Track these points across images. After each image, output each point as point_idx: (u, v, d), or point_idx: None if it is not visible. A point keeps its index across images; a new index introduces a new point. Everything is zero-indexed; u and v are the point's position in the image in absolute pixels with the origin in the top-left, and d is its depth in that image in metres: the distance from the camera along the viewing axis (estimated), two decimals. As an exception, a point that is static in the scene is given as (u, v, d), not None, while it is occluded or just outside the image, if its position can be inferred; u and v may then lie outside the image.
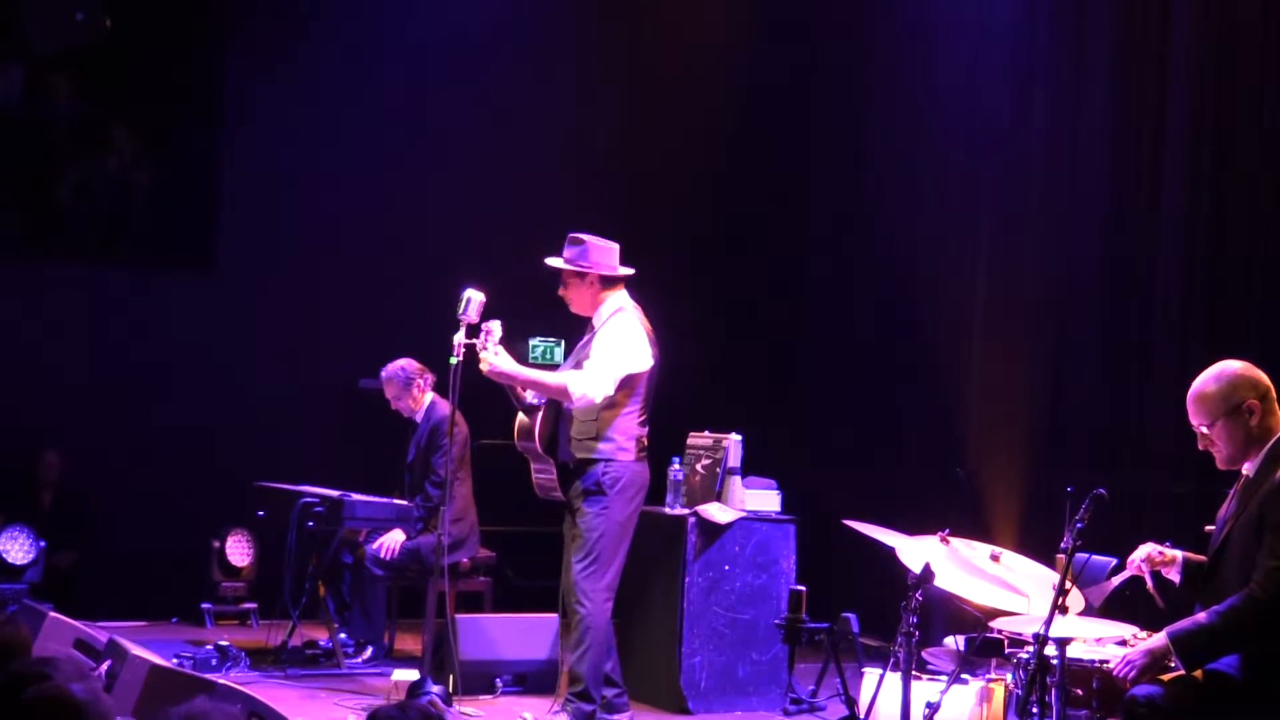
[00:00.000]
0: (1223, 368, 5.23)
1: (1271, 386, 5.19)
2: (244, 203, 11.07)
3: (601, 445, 7.26)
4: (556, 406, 7.39)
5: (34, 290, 10.58)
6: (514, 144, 11.49)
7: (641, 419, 7.38)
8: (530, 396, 7.44)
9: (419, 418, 9.28)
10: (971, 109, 10.07)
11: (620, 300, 7.43)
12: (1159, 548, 5.32)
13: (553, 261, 7.44)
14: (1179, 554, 5.32)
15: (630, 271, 7.49)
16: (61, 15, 10.20)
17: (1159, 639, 5.02)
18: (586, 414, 7.27)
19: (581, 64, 11.75)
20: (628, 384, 7.27)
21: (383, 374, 9.33)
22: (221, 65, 11.04)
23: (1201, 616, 5.00)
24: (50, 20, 10.20)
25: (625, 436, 7.30)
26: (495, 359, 7.20)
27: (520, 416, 7.48)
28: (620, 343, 7.26)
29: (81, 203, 10.94)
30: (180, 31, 10.88)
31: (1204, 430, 5.19)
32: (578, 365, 7.35)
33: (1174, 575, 5.30)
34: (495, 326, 7.25)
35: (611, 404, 7.24)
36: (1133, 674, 5.01)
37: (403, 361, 9.28)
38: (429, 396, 9.29)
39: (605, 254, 7.44)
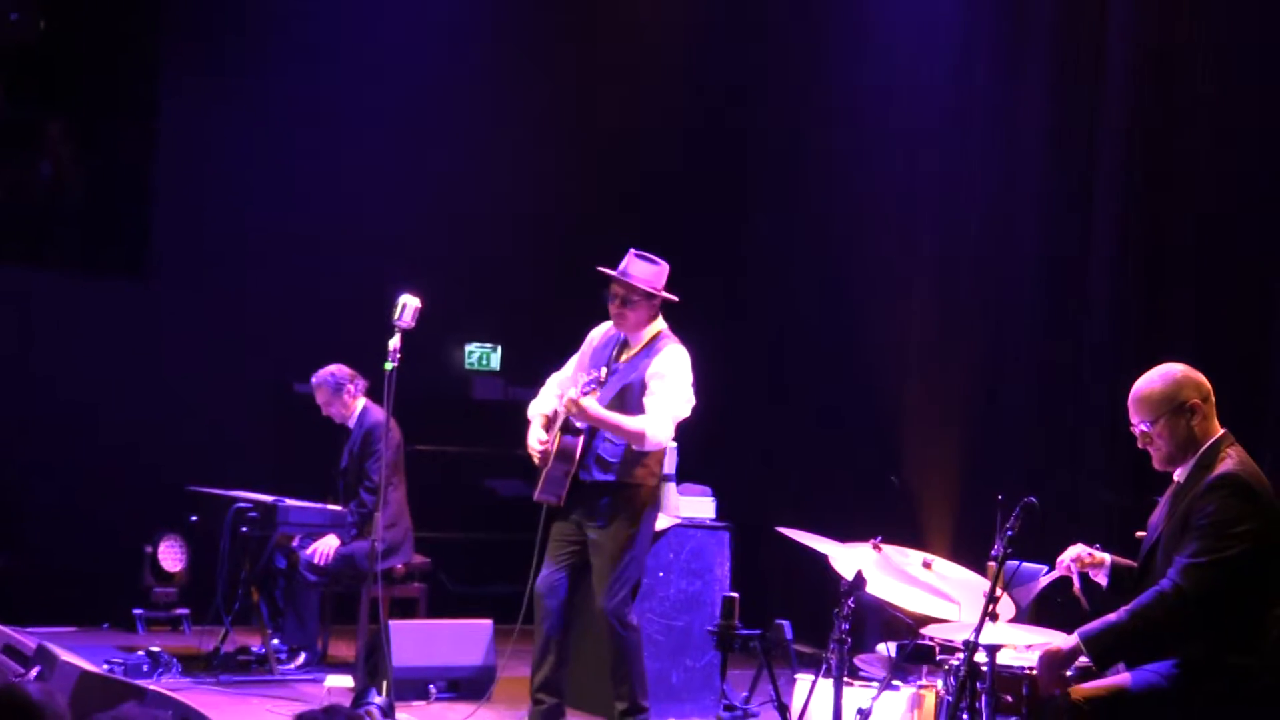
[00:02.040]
0: (1167, 369, 5.26)
1: (1211, 391, 5.24)
2: (178, 206, 10.99)
3: (637, 470, 7.13)
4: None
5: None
6: (447, 149, 11.48)
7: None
8: (578, 421, 7.15)
9: (351, 423, 9.25)
10: (912, 149, 10.13)
11: (661, 324, 7.33)
12: (1088, 549, 5.36)
13: (639, 283, 7.18)
14: (1108, 557, 5.36)
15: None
16: (-6, 15, 10.12)
17: (1070, 638, 5.05)
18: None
19: (510, 75, 11.78)
20: None
21: (313, 379, 9.29)
22: (156, 67, 10.96)
23: (1111, 616, 5.02)
24: (-18, 20, 10.12)
25: (656, 462, 7.22)
26: (588, 402, 6.95)
27: (563, 439, 7.15)
28: (684, 386, 7.15)
29: (12, 204, 10.82)
30: (115, 33, 10.80)
31: (1145, 429, 5.21)
32: (623, 385, 7.15)
33: (1102, 578, 5.34)
34: (604, 373, 7.05)
35: None
36: (1044, 672, 5.03)
37: (333, 367, 9.24)
38: (361, 402, 9.26)
39: (666, 277, 7.32)
